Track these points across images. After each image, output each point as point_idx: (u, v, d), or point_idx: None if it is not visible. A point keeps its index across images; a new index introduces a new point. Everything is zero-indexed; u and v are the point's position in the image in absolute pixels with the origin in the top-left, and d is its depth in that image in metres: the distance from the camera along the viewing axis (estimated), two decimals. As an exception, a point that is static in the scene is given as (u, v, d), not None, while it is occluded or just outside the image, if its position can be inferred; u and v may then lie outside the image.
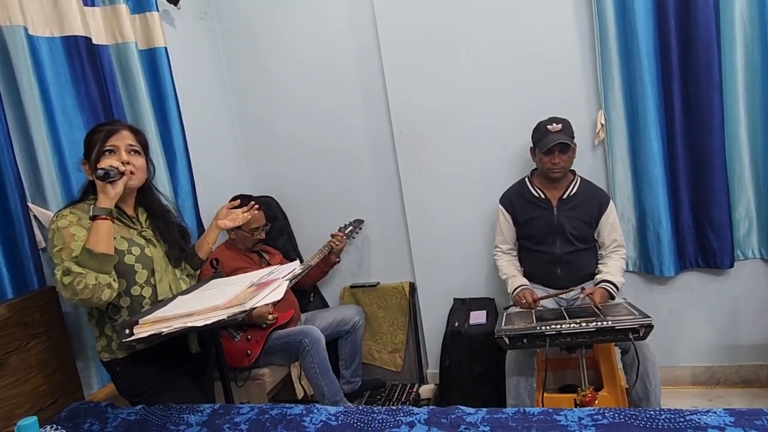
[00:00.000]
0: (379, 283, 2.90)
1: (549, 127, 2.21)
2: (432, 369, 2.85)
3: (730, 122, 2.28)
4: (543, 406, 1.95)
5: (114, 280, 1.50)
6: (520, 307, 2.20)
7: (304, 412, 1.48)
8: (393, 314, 2.85)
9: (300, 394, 2.47)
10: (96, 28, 2.08)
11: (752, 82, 2.24)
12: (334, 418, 1.44)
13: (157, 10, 2.32)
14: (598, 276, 2.24)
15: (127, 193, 1.63)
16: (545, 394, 2.21)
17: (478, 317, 2.48)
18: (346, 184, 2.89)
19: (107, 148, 1.58)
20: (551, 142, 2.17)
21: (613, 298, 2.15)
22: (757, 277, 2.37)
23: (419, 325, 2.86)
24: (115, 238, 1.55)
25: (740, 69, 2.24)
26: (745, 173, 2.31)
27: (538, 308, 2.18)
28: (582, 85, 2.45)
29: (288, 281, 1.68)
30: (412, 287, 2.85)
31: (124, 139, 1.62)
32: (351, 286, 2.94)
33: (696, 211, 2.38)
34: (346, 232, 2.79)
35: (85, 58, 1.96)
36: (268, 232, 2.70)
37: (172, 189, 2.31)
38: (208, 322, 1.40)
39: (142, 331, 1.42)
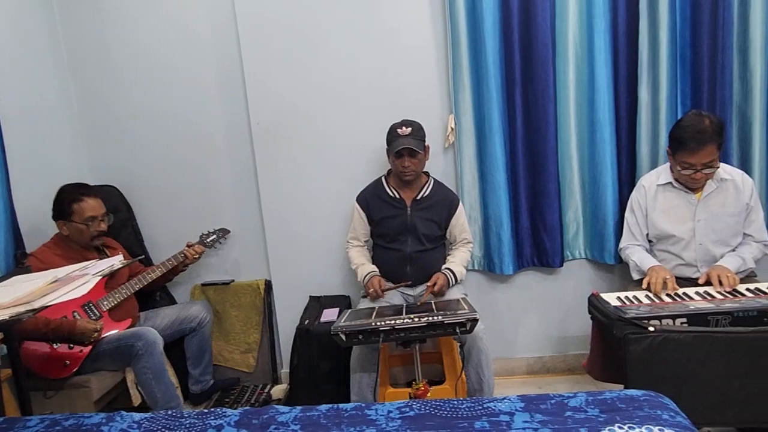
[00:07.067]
0: (233, 280, 2.77)
1: (399, 130, 2.25)
2: (286, 369, 2.77)
3: (562, 133, 2.50)
4: (384, 401, 1.99)
5: None
6: (369, 295, 2.24)
7: (104, 420, 1.35)
8: (247, 313, 2.74)
9: (137, 401, 2.26)
10: None
11: (581, 98, 2.46)
12: (136, 426, 1.32)
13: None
14: (443, 266, 2.35)
15: None
16: (390, 389, 2.27)
17: (330, 315, 2.46)
18: (200, 176, 2.72)
19: None
20: (399, 146, 2.22)
21: (449, 285, 2.29)
22: (582, 275, 2.62)
23: (274, 324, 2.78)
24: None
25: (572, 85, 2.46)
26: (574, 180, 2.54)
27: (384, 304, 2.23)
28: (436, 89, 2.54)
29: (99, 277, 1.52)
30: (268, 285, 2.76)
31: None
32: (203, 284, 2.77)
33: (533, 214, 2.57)
34: (207, 241, 2.62)
35: None
36: (110, 225, 2.44)
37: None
38: (-19, 322, 1.22)
39: None
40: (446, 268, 2.32)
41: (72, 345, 2.10)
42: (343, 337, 1.85)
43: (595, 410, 1.25)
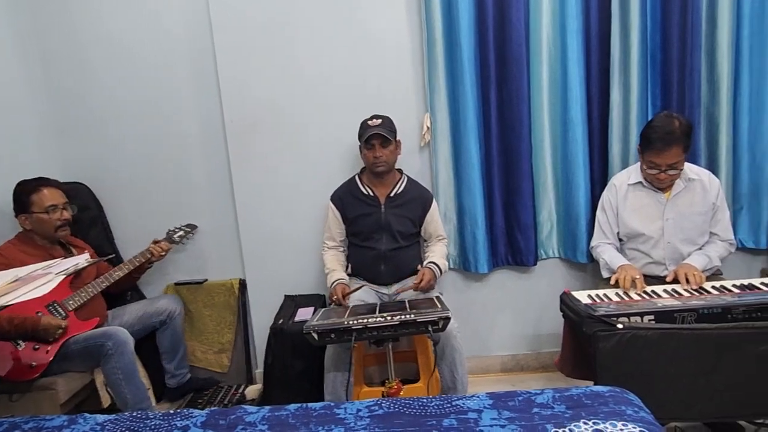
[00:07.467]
0: (207, 279, 2.73)
1: (369, 122, 2.29)
2: (260, 369, 2.75)
3: (536, 132, 2.52)
4: (358, 400, 1.99)
5: None
6: (333, 302, 2.24)
7: (66, 423, 1.31)
8: (221, 312, 2.71)
9: (106, 403, 2.21)
10: None
11: (554, 97, 2.49)
12: (99, 428, 1.29)
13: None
14: (426, 261, 2.36)
15: None
16: (365, 388, 2.26)
17: (304, 314, 2.44)
18: (173, 173, 2.67)
19: None
20: (369, 133, 2.24)
21: (436, 279, 2.30)
22: (555, 274, 2.65)
23: (249, 324, 2.75)
24: None
25: (545, 84, 2.48)
26: (548, 180, 2.56)
27: (359, 303, 2.22)
28: (412, 88, 2.54)
29: (62, 277, 1.49)
30: (243, 284, 2.72)
31: None
32: (176, 284, 2.73)
33: (507, 213, 2.58)
34: (174, 237, 2.56)
35: None
36: (77, 220, 2.38)
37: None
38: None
39: None
40: (430, 263, 2.32)
41: (37, 346, 2.05)
42: (316, 336, 1.84)
43: (562, 406, 1.26)
